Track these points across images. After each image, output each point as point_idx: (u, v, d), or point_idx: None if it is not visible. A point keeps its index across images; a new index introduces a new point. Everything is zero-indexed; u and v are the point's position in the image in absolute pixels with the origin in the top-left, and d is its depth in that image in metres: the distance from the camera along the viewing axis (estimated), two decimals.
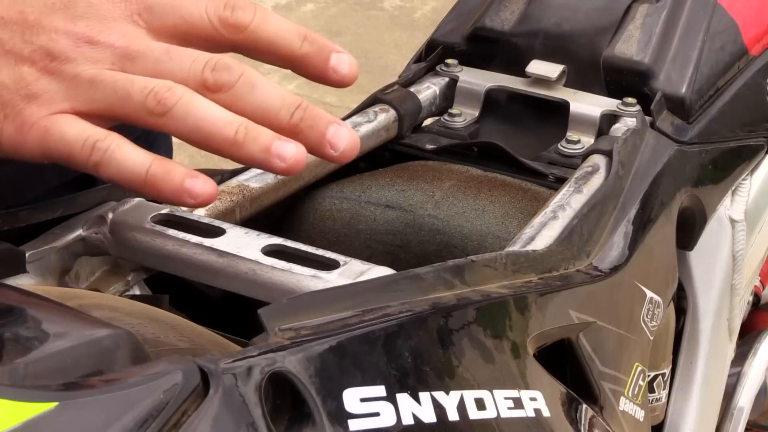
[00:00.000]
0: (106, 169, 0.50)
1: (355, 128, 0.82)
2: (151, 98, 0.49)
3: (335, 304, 0.47)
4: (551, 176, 0.83)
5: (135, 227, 0.60)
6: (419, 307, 0.50)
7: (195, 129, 0.50)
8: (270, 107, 0.51)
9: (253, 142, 0.49)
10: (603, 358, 0.66)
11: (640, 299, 0.74)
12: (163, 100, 0.49)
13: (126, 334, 0.42)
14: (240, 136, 0.49)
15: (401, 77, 0.92)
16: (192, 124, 0.49)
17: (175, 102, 0.49)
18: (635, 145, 0.82)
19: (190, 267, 0.59)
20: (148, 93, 0.49)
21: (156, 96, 0.49)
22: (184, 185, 0.50)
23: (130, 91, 0.50)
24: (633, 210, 0.76)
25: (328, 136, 0.51)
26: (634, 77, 0.88)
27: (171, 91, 0.49)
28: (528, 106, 0.91)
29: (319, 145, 0.51)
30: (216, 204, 0.68)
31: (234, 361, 0.40)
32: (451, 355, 0.51)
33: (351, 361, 0.45)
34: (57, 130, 0.50)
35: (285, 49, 0.52)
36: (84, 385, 0.38)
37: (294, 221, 0.80)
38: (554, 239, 0.68)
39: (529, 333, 0.58)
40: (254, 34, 0.52)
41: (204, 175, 0.50)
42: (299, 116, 0.51)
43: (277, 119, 0.51)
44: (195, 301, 0.69)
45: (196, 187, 0.50)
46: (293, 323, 0.45)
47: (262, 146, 0.50)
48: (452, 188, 0.79)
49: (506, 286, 0.58)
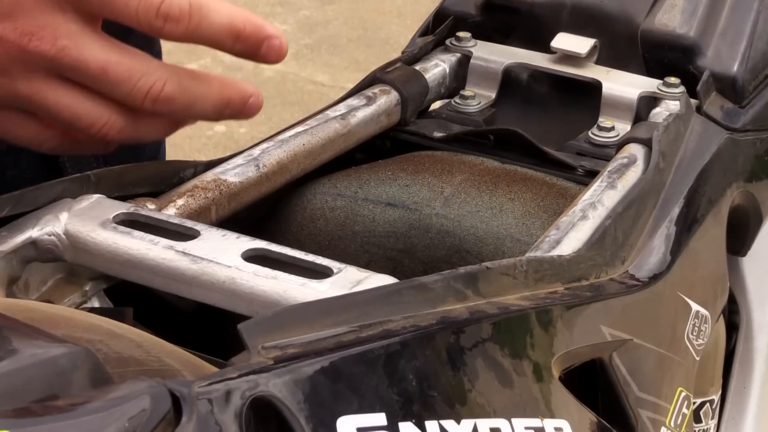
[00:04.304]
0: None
1: (351, 112, 0.83)
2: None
3: (328, 318, 0.48)
4: (580, 169, 0.83)
5: (94, 228, 0.60)
6: (425, 321, 0.51)
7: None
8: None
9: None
10: (640, 381, 0.67)
11: (685, 313, 0.74)
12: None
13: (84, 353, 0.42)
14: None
15: (405, 53, 0.92)
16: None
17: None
18: (679, 132, 0.82)
19: (159, 275, 0.59)
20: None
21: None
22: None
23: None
24: (676, 209, 0.76)
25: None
26: (678, 53, 0.88)
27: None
28: (553, 87, 0.92)
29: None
30: (188, 201, 0.69)
31: (210, 384, 0.41)
32: (463, 378, 0.51)
33: (346, 384, 0.45)
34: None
35: (217, 47, 0.63)
36: (37, 412, 0.38)
37: (279, 221, 0.81)
38: (584, 243, 0.68)
39: (554, 352, 0.59)
40: (186, 38, 0.62)
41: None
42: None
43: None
44: (164, 315, 0.69)
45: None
46: (279, 340, 0.45)
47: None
48: (464, 183, 0.79)
49: (527, 297, 0.59)
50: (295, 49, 3.24)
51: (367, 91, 0.87)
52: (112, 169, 0.67)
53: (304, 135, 0.79)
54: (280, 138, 0.78)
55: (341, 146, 0.82)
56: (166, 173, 0.71)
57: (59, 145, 0.66)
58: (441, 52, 0.94)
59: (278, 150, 0.76)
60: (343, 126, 0.82)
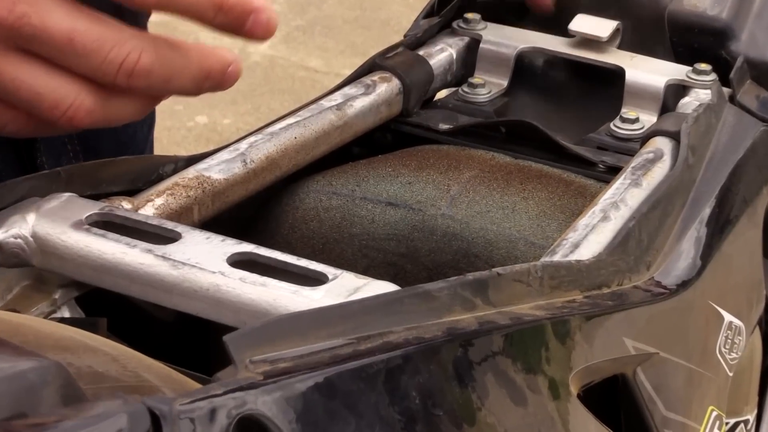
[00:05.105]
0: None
1: (347, 102, 0.83)
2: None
3: (322, 329, 0.48)
4: (601, 165, 0.84)
5: (64, 230, 0.61)
6: (430, 333, 0.51)
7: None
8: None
9: None
10: (667, 399, 0.67)
11: (716, 324, 0.75)
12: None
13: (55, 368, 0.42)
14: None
15: (407, 36, 0.93)
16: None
17: None
18: (710, 124, 0.82)
19: (136, 282, 0.59)
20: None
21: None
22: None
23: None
24: (707, 209, 0.77)
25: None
26: (709, 37, 0.89)
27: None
28: (571, 74, 0.92)
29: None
30: (168, 200, 0.69)
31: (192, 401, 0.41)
32: (472, 396, 0.52)
33: (343, 402, 0.46)
34: None
35: (197, 19, 0.62)
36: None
37: (269, 223, 0.81)
38: (605, 246, 0.69)
39: (572, 367, 0.59)
40: (163, 6, 0.61)
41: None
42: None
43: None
44: (141, 326, 0.69)
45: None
46: (268, 354, 0.46)
47: None
48: (473, 180, 0.80)
49: (542, 306, 0.59)
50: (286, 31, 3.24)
51: (366, 78, 0.87)
52: (84, 165, 0.67)
53: (296, 127, 0.79)
54: (270, 130, 0.78)
55: (337, 140, 0.83)
56: (144, 169, 0.71)
57: (23, 129, 0.63)
58: (447, 36, 0.94)
59: (267, 144, 0.77)
60: (338, 117, 0.82)
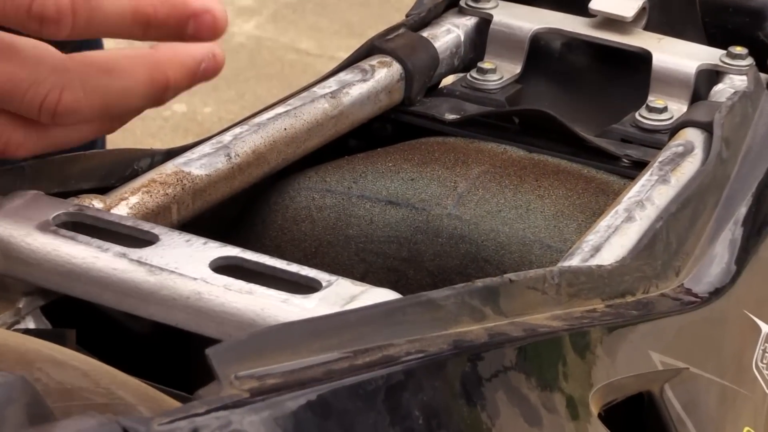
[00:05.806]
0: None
1: (343, 89, 0.83)
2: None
3: (315, 341, 0.48)
4: (625, 159, 0.84)
5: (29, 232, 0.61)
6: (435, 346, 0.51)
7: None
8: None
9: None
10: (698, 419, 0.67)
11: (753, 336, 0.75)
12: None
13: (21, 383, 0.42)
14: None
15: (410, 16, 0.93)
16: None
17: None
18: (745, 114, 0.82)
19: (108, 289, 0.59)
20: None
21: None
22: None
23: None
24: (742, 208, 0.77)
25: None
26: (744, 18, 0.89)
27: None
28: (592, 59, 0.92)
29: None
30: (144, 199, 0.69)
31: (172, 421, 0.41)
32: (481, 415, 0.52)
33: (338, 422, 0.46)
34: None
35: (126, 38, 0.61)
36: None
37: (256, 224, 0.81)
38: (629, 250, 0.69)
39: (593, 384, 0.59)
40: (78, 37, 0.59)
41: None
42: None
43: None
44: (114, 338, 0.69)
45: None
46: (256, 369, 0.46)
47: None
48: (483, 177, 0.80)
49: (559, 317, 0.59)
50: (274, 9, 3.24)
51: (364, 63, 0.87)
52: (51, 160, 0.67)
53: (286, 117, 0.79)
54: (256, 121, 0.78)
55: (331, 131, 0.83)
56: (117, 164, 0.71)
57: None
58: (454, 16, 0.94)
59: (254, 136, 0.77)
60: (333, 106, 0.82)
